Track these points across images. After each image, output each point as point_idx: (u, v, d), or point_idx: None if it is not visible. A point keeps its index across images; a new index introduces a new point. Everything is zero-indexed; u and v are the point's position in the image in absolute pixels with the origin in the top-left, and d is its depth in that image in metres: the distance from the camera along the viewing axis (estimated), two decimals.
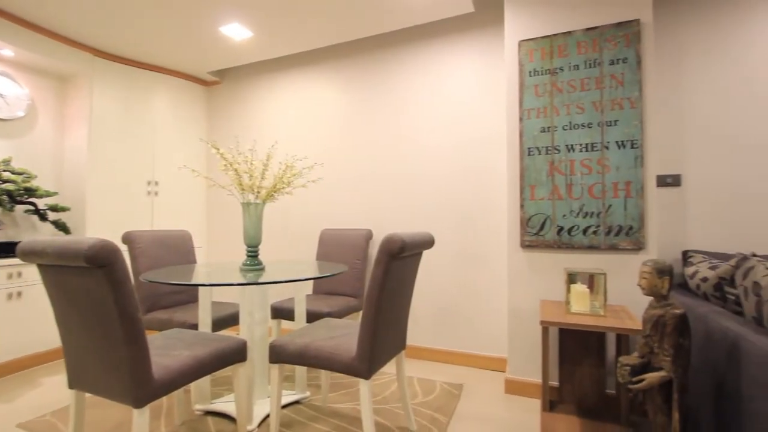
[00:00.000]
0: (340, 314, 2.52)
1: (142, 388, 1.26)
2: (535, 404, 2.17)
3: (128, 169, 3.26)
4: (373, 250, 3.02)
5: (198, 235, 3.74)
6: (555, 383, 2.21)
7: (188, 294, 2.57)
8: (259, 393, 2.06)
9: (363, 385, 1.54)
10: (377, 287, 1.52)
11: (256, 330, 2.02)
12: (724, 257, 2.03)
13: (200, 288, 2.04)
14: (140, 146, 3.33)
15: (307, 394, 2.23)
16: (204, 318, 2.05)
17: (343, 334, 1.75)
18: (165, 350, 1.52)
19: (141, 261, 2.34)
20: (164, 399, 2.20)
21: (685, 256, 2.10)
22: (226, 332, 3.52)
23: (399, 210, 2.96)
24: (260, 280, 1.67)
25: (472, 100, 2.75)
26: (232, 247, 3.69)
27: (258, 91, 3.59)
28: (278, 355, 1.68)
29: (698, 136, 2.23)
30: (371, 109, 3.08)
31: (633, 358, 1.44)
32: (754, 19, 2.15)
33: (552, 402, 2.13)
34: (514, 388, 2.29)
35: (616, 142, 2.07)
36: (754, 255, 1.46)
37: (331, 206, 3.22)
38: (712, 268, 1.72)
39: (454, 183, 2.79)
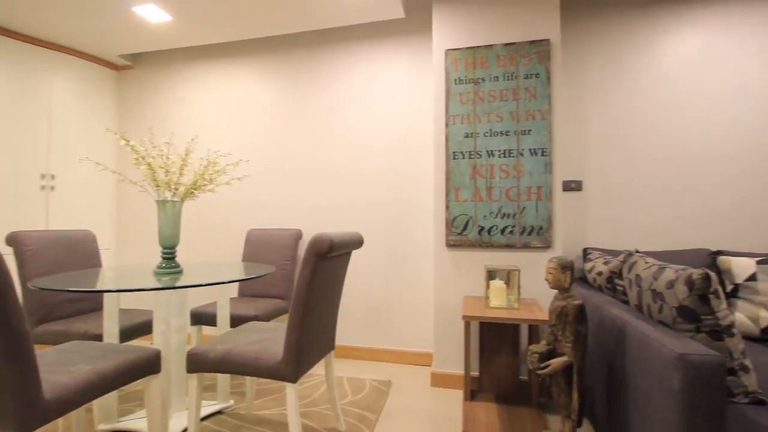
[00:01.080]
0: (267, 317, 2.43)
1: (28, 411, 1.10)
2: (459, 395, 2.30)
3: (16, 159, 2.82)
4: (303, 251, 2.97)
5: (105, 236, 3.36)
6: (476, 373, 2.35)
7: (91, 302, 2.30)
8: (176, 406, 1.91)
9: (290, 389, 1.51)
10: (305, 288, 1.49)
11: (172, 338, 1.87)
12: (616, 254, 2.33)
13: (105, 294, 1.84)
14: (33, 134, 2.90)
15: (231, 402, 2.12)
16: (110, 327, 1.85)
17: (269, 338, 1.69)
18: (60, 366, 1.34)
19: (31, 265, 2.04)
20: (60, 421, 1.95)
21: (585, 253, 2.37)
22: (137, 342, 3.21)
23: (330, 210, 2.94)
24: (177, 284, 1.55)
25: (403, 103, 2.83)
26: (146, 248, 3.38)
27: (178, 80, 3.33)
28: (197, 363, 1.58)
29: (596, 146, 2.53)
30: (303, 107, 3.02)
31: (541, 346, 1.59)
32: (644, 44, 2.49)
33: (473, 391, 2.27)
34: (439, 381, 2.39)
35: (530, 149, 2.27)
36: (637, 251, 1.69)
37: (259, 205, 3.10)
38: (606, 263, 1.96)
39: (385, 184, 2.84)
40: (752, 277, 1.94)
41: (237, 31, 2.92)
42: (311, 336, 1.59)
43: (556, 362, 1.50)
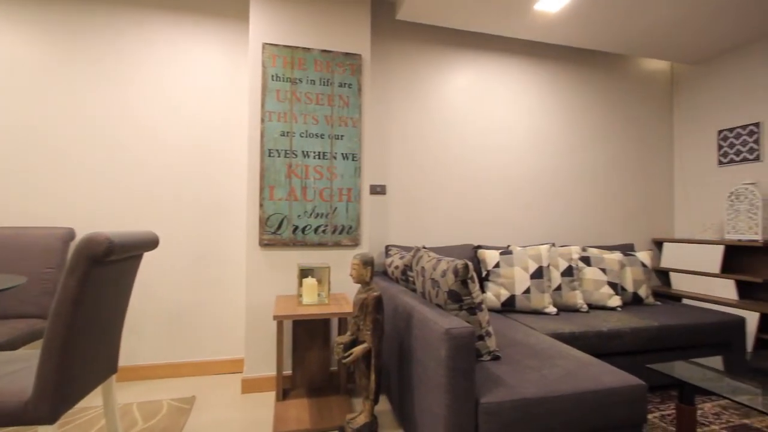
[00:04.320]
0: (14, 344, 1.85)
1: None
2: (271, 397, 2.26)
3: None
4: None
5: None
6: (289, 372, 2.37)
7: None
8: None
9: None
10: (70, 302, 1.20)
11: None
12: (410, 249, 2.73)
13: None
14: None
15: None
16: None
17: (16, 371, 1.29)
18: None
19: None
20: None
21: (387, 249, 2.69)
22: None
23: (120, 205, 2.45)
24: None
25: (215, 93, 2.59)
26: None
27: None
28: None
29: (397, 156, 2.91)
30: (83, 81, 2.41)
31: (345, 337, 1.72)
32: (435, 74, 3.00)
33: (286, 390, 2.28)
34: (251, 386, 2.30)
35: (342, 153, 2.43)
36: (424, 247, 2.03)
37: (13, 197, 2.32)
38: (401, 258, 2.27)
39: (193, 178, 2.55)
40: (497, 265, 2.58)
41: None
42: (79, 361, 1.29)
43: (358, 350, 1.65)
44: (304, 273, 2.22)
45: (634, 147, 3.54)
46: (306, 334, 2.32)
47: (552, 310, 2.46)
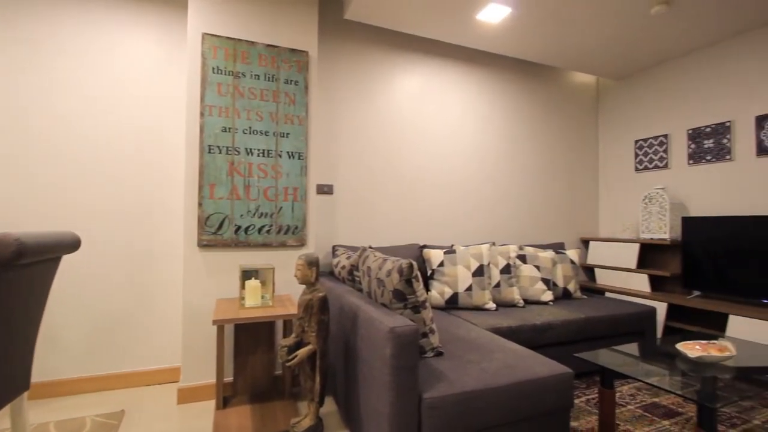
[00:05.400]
0: None
1: None
2: (211, 406, 2.15)
3: None
4: None
5: None
6: (230, 379, 2.27)
7: None
8: None
9: None
10: None
11: None
12: (357, 249, 2.73)
13: None
14: None
15: None
16: None
17: None
18: None
19: None
20: None
21: (334, 249, 2.67)
22: None
23: (35, 204, 2.19)
24: None
25: (150, 85, 2.41)
26: None
27: None
28: None
29: (345, 156, 2.90)
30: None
31: (290, 339, 1.69)
32: (386, 76, 3.02)
33: (227, 398, 2.18)
34: (188, 396, 2.17)
35: (288, 152, 2.37)
36: (370, 247, 2.04)
37: None
38: (348, 258, 2.27)
39: (124, 175, 2.35)
40: (441, 264, 2.66)
41: None
42: None
43: (303, 352, 1.62)
44: (247, 274, 2.14)
45: (566, 153, 3.83)
46: (249, 339, 2.24)
47: (492, 306, 2.59)
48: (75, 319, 2.27)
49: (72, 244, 1.41)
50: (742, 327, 2.51)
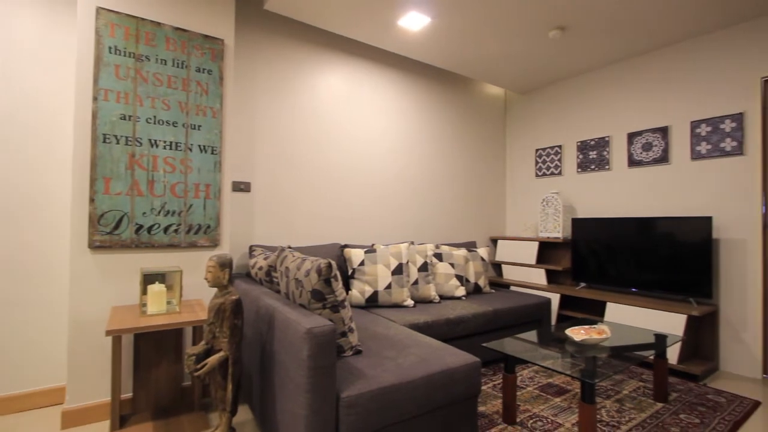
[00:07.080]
0: None
1: None
2: (104, 428, 1.91)
3: None
4: None
5: None
6: (129, 395, 2.04)
7: None
8: None
9: None
10: None
11: None
12: (275, 249, 2.64)
13: None
14: None
15: None
16: None
17: None
18: None
19: None
20: None
21: (251, 250, 2.55)
22: None
23: None
24: None
25: (25, 57, 2.07)
26: None
27: None
28: None
29: (264, 153, 2.78)
30: None
31: (199, 347, 1.57)
32: (308, 74, 2.95)
33: (126, 416, 1.96)
34: (75, 419, 1.91)
35: (199, 145, 2.20)
36: (289, 247, 1.99)
37: None
38: (266, 258, 2.18)
39: None
40: (362, 263, 2.69)
41: None
42: None
43: (213, 359, 1.52)
44: (150, 278, 1.94)
45: (478, 158, 4.13)
46: (152, 349, 2.03)
47: (410, 302, 2.69)
48: None
49: None
50: (616, 312, 2.94)
